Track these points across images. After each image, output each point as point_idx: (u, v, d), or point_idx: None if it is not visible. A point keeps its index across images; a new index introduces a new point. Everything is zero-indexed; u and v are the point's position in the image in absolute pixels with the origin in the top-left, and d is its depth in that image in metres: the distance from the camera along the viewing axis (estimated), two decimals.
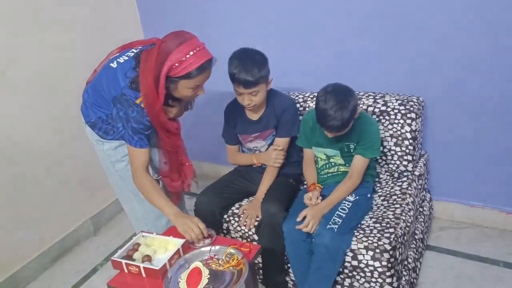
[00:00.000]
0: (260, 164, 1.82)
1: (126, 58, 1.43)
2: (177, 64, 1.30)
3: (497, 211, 1.96)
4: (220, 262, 1.27)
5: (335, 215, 1.52)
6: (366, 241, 1.46)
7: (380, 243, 1.43)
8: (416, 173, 1.81)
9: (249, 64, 1.56)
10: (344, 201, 1.58)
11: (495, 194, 1.94)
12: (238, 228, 1.73)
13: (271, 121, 1.76)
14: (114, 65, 1.43)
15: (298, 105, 2.00)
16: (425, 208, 1.92)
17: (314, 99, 1.98)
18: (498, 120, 1.80)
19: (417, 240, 1.76)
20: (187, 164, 1.67)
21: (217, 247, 1.33)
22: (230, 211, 1.77)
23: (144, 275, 1.26)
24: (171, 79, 1.34)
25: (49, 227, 2.16)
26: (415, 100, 1.81)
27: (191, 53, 1.30)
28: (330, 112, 1.46)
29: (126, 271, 1.29)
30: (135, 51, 1.45)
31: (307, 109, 1.98)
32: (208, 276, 1.21)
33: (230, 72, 1.60)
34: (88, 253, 2.25)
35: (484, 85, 1.77)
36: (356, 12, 1.90)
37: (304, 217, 1.51)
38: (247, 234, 1.72)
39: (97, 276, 2.07)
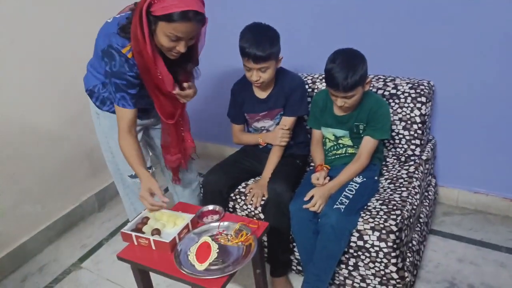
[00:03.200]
0: (265, 144, 1.81)
1: (123, 14, 1.36)
2: (156, 0, 1.18)
3: (501, 198, 1.97)
4: (228, 237, 1.29)
5: (342, 195, 1.53)
6: (372, 222, 1.47)
7: (386, 224, 1.44)
8: (424, 157, 1.81)
9: (261, 38, 1.54)
10: (351, 183, 1.58)
11: (499, 181, 1.95)
12: (244, 207, 1.74)
13: (280, 100, 1.74)
14: (109, 20, 1.36)
15: (307, 87, 1.99)
16: (430, 193, 1.93)
17: (323, 80, 1.98)
18: (505, 108, 1.79)
19: (422, 224, 1.77)
20: (188, 140, 1.62)
21: (226, 223, 1.34)
22: (237, 190, 1.78)
23: (153, 247, 1.27)
24: (150, 17, 1.22)
25: (54, 202, 2.18)
26: (425, 84, 1.80)
27: None
28: (337, 68, 1.46)
29: (135, 243, 1.30)
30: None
31: (315, 90, 1.97)
32: (217, 250, 1.22)
33: (241, 45, 1.58)
34: (93, 228, 2.27)
35: (496, 73, 1.75)
36: None
37: (312, 197, 1.52)
38: (253, 213, 1.73)
39: (103, 250, 2.09)
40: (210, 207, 1.45)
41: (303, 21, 2.09)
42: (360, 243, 1.49)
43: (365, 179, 1.61)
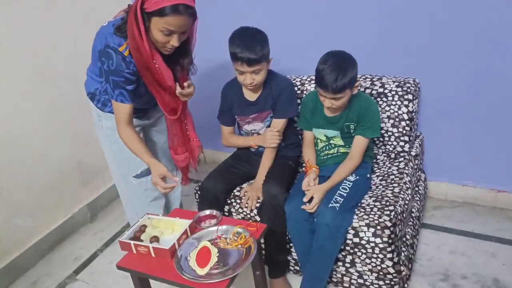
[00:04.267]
0: (257, 147, 1.83)
1: (118, 17, 1.41)
2: None
3: (488, 189, 2.03)
4: (227, 241, 1.29)
5: (337, 194, 1.55)
6: (367, 218, 1.50)
7: (380, 220, 1.47)
8: (413, 153, 1.86)
9: (251, 42, 1.57)
10: (345, 181, 1.61)
11: (486, 174, 2.00)
12: (240, 210, 1.75)
13: (268, 102, 1.75)
14: (104, 23, 1.41)
15: (295, 88, 2.01)
16: (420, 188, 1.98)
17: (312, 82, 2.01)
18: (489, 102, 1.85)
19: (414, 218, 1.81)
20: (193, 139, 1.67)
21: (224, 226, 1.35)
22: (232, 194, 1.79)
23: (153, 255, 1.27)
24: (144, 14, 1.28)
25: (45, 214, 2.14)
26: (411, 82, 1.84)
27: None
28: (327, 70, 1.49)
29: (134, 252, 1.30)
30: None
31: (304, 92, 2.00)
32: (217, 254, 1.23)
33: (232, 51, 1.59)
34: (85, 239, 2.24)
35: (478, 68, 1.81)
36: None
37: (311, 198, 1.54)
38: (248, 216, 1.74)
39: (97, 261, 2.06)
40: (207, 211, 1.46)
41: (291, 23, 2.11)
42: (356, 240, 1.51)
43: (357, 177, 1.64)
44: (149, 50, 1.32)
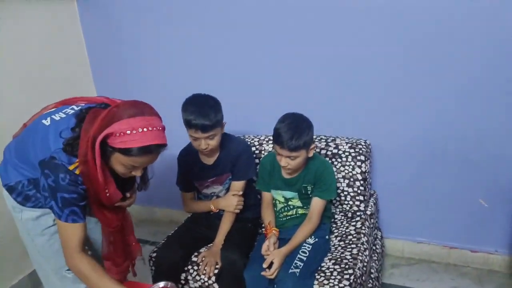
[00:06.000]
0: (217, 211, 1.79)
1: (64, 115, 1.24)
2: (117, 134, 1.12)
3: (441, 246, 2.09)
4: None
5: (296, 258, 1.53)
6: (327, 284, 1.48)
7: (341, 285, 1.46)
8: (368, 212, 1.90)
9: (205, 108, 1.58)
10: (304, 244, 1.60)
11: (437, 230, 2.07)
12: (197, 278, 1.67)
13: (227, 165, 1.76)
14: (47, 122, 1.23)
15: (254, 148, 2.04)
16: (377, 246, 2.00)
17: (270, 141, 2.05)
18: (438, 160, 1.96)
19: (373, 279, 1.80)
20: (133, 243, 1.50)
21: None
22: (189, 260, 1.71)
23: None
24: (107, 147, 1.14)
25: None
26: (363, 143, 1.93)
27: (140, 130, 1.13)
28: (284, 128, 1.54)
29: None
30: (76, 108, 1.27)
31: (263, 151, 2.02)
32: None
33: (186, 118, 1.59)
34: None
35: (428, 127, 1.92)
36: (307, 57, 2.01)
37: (271, 263, 1.50)
38: (206, 284, 1.65)
39: None
40: (161, 284, 1.36)
41: (248, 84, 2.18)
42: None
43: (317, 239, 1.64)
44: (103, 182, 1.17)
